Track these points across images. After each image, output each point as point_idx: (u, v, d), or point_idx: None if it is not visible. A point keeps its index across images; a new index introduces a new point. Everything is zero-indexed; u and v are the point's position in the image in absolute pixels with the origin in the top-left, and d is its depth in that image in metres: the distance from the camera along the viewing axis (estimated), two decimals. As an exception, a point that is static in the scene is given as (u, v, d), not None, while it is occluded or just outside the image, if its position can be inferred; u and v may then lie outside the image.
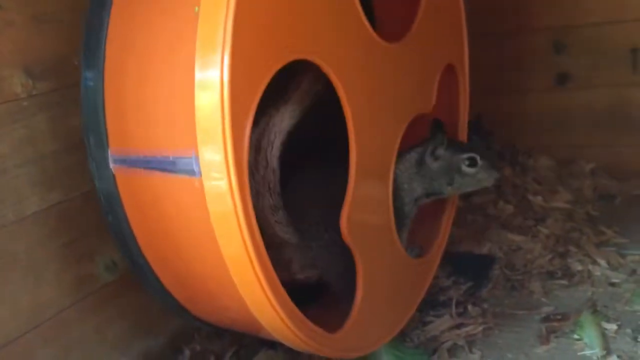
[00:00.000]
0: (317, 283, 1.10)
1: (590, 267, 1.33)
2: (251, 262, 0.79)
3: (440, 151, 1.13)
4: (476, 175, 1.14)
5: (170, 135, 0.89)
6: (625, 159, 1.69)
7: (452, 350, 1.15)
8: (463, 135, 1.34)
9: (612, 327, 1.14)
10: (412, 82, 1.12)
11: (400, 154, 1.11)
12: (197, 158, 0.78)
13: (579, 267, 1.34)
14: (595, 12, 1.66)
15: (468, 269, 1.38)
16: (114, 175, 0.96)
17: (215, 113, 0.75)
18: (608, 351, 1.08)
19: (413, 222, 1.19)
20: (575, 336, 1.13)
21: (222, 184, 0.76)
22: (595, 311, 1.19)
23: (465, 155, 1.13)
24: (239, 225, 0.78)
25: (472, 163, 1.13)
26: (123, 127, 0.94)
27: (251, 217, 0.79)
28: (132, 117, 0.92)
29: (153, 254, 1.00)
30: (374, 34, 0.99)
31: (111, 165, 0.95)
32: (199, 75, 0.76)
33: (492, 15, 1.74)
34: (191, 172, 0.83)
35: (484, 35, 1.58)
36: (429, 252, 1.25)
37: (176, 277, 1.01)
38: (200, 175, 0.78)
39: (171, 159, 0.86)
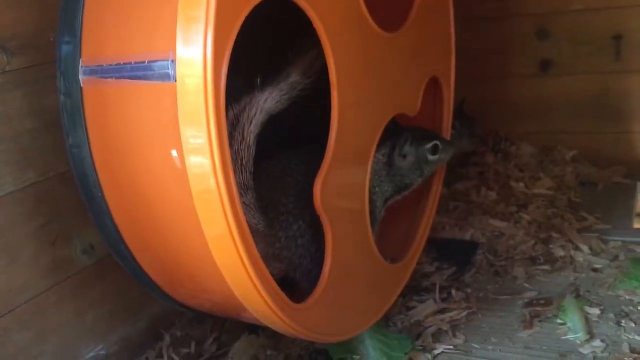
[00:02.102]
0: (282, 280, 1.02)
1: (572, 253, 1.34)
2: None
3: (407, 148, 1.13)
4: (440, 158, 1.18)
5: (147, 40, 0.84)
6: (607, 147, 1.70)
7: (436, 335, 1.14)
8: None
9: (595, 311, 1.14)
10: (400, 78, 1.11)
11: None
12: (174, 62, 0.75)
13: (562, 253, 1.34)
14: (578, 0, 1.66)
15: (452, 254, 1.38)
16: (81, 89, 0.89)
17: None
18: (592, 336, 1.08)
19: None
20: (559, 321, 1.13)
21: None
22: (578, 296, 1.19)
23: (429, 146, 1.15)
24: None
25: (435, 150, 1.16)
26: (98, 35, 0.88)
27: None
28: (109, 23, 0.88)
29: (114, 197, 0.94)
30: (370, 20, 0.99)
31: (80, 77, 0.89)
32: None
33: (476, 1, 1.73)
34: (166, 77, 0.79)
35: (467, 21, 1.57)
36: (405, 256, 1.23)
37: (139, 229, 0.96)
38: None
39: (146, 63, 0.82)
